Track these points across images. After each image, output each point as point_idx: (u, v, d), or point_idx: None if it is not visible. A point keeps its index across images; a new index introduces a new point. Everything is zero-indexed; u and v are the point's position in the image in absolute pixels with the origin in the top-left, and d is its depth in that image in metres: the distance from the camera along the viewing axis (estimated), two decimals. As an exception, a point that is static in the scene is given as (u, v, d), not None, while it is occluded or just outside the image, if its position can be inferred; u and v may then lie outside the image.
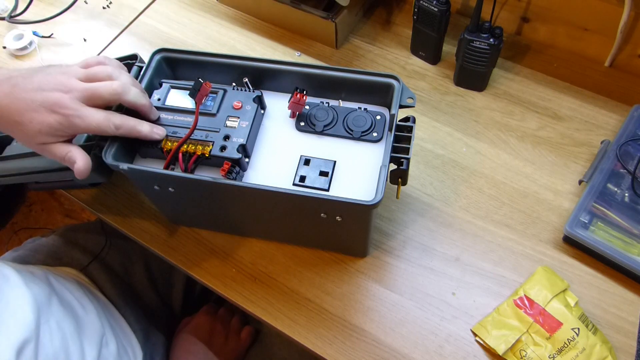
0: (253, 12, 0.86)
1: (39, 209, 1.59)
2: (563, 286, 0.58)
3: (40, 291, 0.56)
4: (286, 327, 0.59)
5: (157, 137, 0.53)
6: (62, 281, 0.63)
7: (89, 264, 0.73)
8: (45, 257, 0.73)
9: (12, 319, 0.49)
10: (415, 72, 0.78)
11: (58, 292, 0.60)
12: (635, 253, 0.58)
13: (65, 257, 0.73)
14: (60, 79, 0.49)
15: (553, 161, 0.68)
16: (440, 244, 0.63)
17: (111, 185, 0.70)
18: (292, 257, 0.63)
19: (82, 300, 0.63)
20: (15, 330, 0.48)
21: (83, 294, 0.65)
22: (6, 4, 0.89)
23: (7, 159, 0.63)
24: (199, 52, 0.58)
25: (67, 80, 0.49)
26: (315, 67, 0.56)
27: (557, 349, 0.54)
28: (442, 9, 0.69)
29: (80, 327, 0.58)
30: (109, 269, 0.74)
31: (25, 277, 0.56)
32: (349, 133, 0.55)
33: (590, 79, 0.75)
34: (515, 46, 0.79)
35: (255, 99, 0.55)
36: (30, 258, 0.73)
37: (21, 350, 0.47)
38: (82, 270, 0.72)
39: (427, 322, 0.58)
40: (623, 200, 0.61)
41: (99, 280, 0.72)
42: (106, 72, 0.51)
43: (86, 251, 0.75)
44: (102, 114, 0.49)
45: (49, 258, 0.73)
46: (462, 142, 0.71)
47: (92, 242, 0.77)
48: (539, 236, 0.63)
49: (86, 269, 0.72)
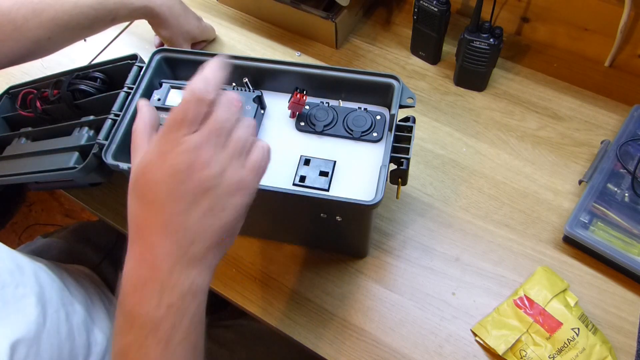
0: (253, 12, 0.86)
1: (39, 209, 1.59)
2: (563, 286, 0.58)
3: (52, 283, 0.56)
4: (286, 327, 0.59)
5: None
6: (74, 276, 0.63)
7: (101, 262, 0.73)
8: (59, 254, 0.73)
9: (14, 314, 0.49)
10: (415, 72, 0.78)
11: (69, 286, 0.60)
12: (635, 253, 0.58)
13: (78, 255, 0.74)
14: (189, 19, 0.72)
15: (553, 161, 0.68)
16: (440, 244, 0.63)
17: (111, 185, 0.70)
18: (292, 257, 0.63)
19: (93, 296, 0.63)
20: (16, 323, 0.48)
21: (94, 290, 0.65)
22: (6, 4, 0.89)
23: (7, 159, 0.63)
24: (199, 52, 0.58)
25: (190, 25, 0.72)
26: (315, 67, 0.56)
27: (557, 349, 0.54)
28: (442, 9, 0.69)
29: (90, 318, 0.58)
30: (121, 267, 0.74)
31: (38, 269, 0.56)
32: (349, 133, 0.55)
33: (590, 79, 0.75)
34: (515, 46, 0.79)
35: (255, 99, 0.55)
36: (44, 254, 0.73)
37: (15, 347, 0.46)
38: (95, 268, 0.72)
39: (427, 322, 0.58)
40: (623, 200, 0.61)
41: (110, 278, 0.72)
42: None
43: (98, 249, 0.75)
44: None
45: (62, 255, 0.73)
46: (462, 142, 0.71)
47: (104, 239, 0.77)
48: (539, 236, 0.63)
49: (98, 267, 0.72)
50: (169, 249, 0.35)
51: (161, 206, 0.35)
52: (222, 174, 0.36)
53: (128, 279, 0.36)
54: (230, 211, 0.37)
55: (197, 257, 0.36)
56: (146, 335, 0.34)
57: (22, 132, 0.65)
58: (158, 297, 0.35)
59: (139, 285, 0.35)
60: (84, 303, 0.59)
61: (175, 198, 0.35)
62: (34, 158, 0.60)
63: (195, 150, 0.35)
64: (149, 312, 0.34)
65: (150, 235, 0.36)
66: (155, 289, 0.35)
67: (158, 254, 0.35)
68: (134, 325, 0.35)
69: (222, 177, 0.36)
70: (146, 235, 0.36)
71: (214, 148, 0.36)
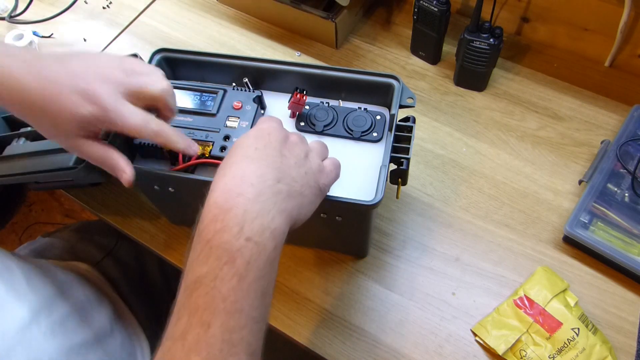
0: (253, 12, 0.86)
1: (39, 209, 1.59)
2: (563, 286, 0.58)
3: (45, 288, 0.56)
4: (286, 327, 0.59)
5: (192, 153, 0.48)
6: (71, 277, 0.63)
7: (102, 259, 0.73)
8: (61, 252, 0.73)
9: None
10: (415, 72, 0.78)
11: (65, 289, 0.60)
12: (635, 253, 0.58)
13: (80, 252, 0.74)
14: (100, 67, 0.43)
15: (553, 161, 0.68)
16: (440, 244, 0.63)
17: (111, 185, 0.70)
18: (292, 257, 0.63)
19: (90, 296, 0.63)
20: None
21: (92, 290, 0.65)
22: (6, 4, 0.89)
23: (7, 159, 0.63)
24: (199, 52, 0.58)
25: (107, 70, 0.43)
26: (315, 67, 0.56)
27: (557, 349, 0.54)
28: (442, 9, 0.69)
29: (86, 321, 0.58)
30: (122, 263, 0.74)
31: (30, 273, 0.56)
32: (349, 133, 0.55)
33: (590, 79, 0.75)
34: (515, 46, 0.79)
35: (255, 99, 0.55)
36: (47, 252, 0.73)
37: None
38: (96, 265, 0.72)
39: (427, 322, 0.58)
40: (623, 200, 0.61)
41: (111, 275, 0.72)
42: (147, 68, 0.46)
43: (101, 247, 0.75)
44: (141, 114, 0.43)
45: (65, 253, 0.73)
46: (462, 142, 0.71)
47: (107, 237, 0.77)
48: (539, 236, 0.63)
49: (99, 264, 0.72)
50: (257, 176, 0.37)
51: (258, 149, 0.39)
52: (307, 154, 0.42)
53: (210, 208, 0.36)
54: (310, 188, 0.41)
55: (281, 196, 0.38)
56: (222, 266, 0.34)
57: (22, 132, 0.65)
58: (240, 224, 0.35)
59: (220, 214, 0.35)
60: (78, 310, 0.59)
61: (274, 147, 0.40)
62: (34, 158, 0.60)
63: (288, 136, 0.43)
64: (229, 241, 0.34)
65: (242, 161, 0.38)
66: (239, 215, 0.35)
67: (245, 178, 0.37)
68: (210, 255, 0.35)
69: (308, 157, 0.42)
70: (238, 161, 0.38)
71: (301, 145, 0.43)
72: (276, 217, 0.37)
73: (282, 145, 0.41)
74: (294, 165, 0.40)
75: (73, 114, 0.41)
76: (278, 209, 0.37)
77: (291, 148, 0.42)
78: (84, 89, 0.41)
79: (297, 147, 0.42)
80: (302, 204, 0.40)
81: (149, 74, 0.46)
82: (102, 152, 0.45)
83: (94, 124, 0.42)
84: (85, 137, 0.43)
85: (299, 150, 0.42)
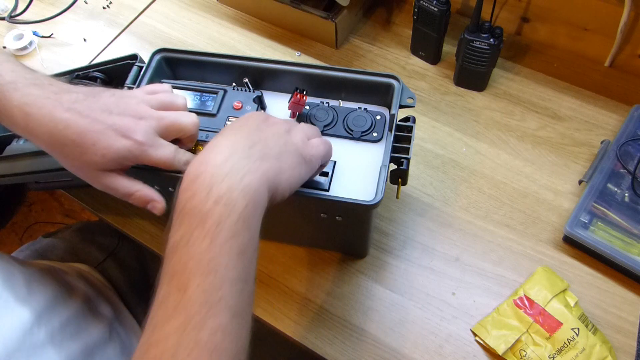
0: (253, 12, 0.86)
1: (39, 209, 1.59)
2: (563, 286, 0.58)
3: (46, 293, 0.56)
4: (286, 327, 0.59)
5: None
6: (72, 280, 0.63)
7: (104, 260, 0.73)
8: (63, 253, 0.73)
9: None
10: (415, 72, 0.78)
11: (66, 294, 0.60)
12: (635, 253, 0.58)
13: (82, 253, 0.74)
14: (130, 103, 0.44)
15: (553, 161, 0.68)
16: (440, 244, 0.63)
17: (111, 185, 0.70)
18: (292, 257, 0.63)
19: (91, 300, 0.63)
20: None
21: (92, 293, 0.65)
22: (6, 4, 0.89)
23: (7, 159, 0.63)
24: (199, 52, 0.58)
25: (138, 106, 0.44)
26: (315, 67, 0.56)
27: (557, 349, 0.54)
28: (442, 9, 0.69)
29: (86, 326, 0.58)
30: (124, 264, 0.74)
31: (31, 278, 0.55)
32: (349, 133, 0.55)
33: (590, 79, 0.75)
34: (515, 46, 0.79)
35: (255, 99, 0.55)
36: (48, 253, 0.73)
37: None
38: (97, 266, 0.72)
39: (427, 322, 0.58)
40: (623, 200, 0.61)
41: (112, 276, 0.72)
42: (177, 102, 0.48)
43: (102, 247, 0.75)
44: (171, 147, 0.45)
45: (67, 254, 0.73)
46: (462, 142, 0.71)
47: (109, 237, 0.77)
48: (539, 236, 0.63)
49: (101, 265, 0.72)
50: (226, 146, 0.38)
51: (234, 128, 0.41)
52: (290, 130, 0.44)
53: (183, 181, 0.37)
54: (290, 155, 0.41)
55: (252, 158, 0.38)
56: (192, 230, 0.35)
57: (22, 132, 0.65)
58: (207, 188, 0.35)
59: (190, 182, 0.36)
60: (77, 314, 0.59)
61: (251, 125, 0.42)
62: (34, 158, 0.60)
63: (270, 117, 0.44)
64: (198, 205, 0.35)
65: (215, 139, 0.39)
66: (206, 180, 0.36)
67: (215, 149, 0.38)
68: (183, 221, 0.35)
69: (290, 132, 0.43)
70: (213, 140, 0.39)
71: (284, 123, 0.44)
72: (246, 176, 0.37)
73: (261, 123, 0.42)
74: (271, 136, 0.41)
75: (108, 148, 0.42)
76: (248, 169, 0.37)
77: (270, 124, 0.43)
78: (119, 124, 0.42)
79: (277, 124, 0.43)
80: (282, 168, 0.40)
81: (177, 106, 0.48)
82: (130, 186, 0.45)
83: (128, 158, 0.43)
84: (114, 171, 0.44)
85: (279, 127, 0.43)
